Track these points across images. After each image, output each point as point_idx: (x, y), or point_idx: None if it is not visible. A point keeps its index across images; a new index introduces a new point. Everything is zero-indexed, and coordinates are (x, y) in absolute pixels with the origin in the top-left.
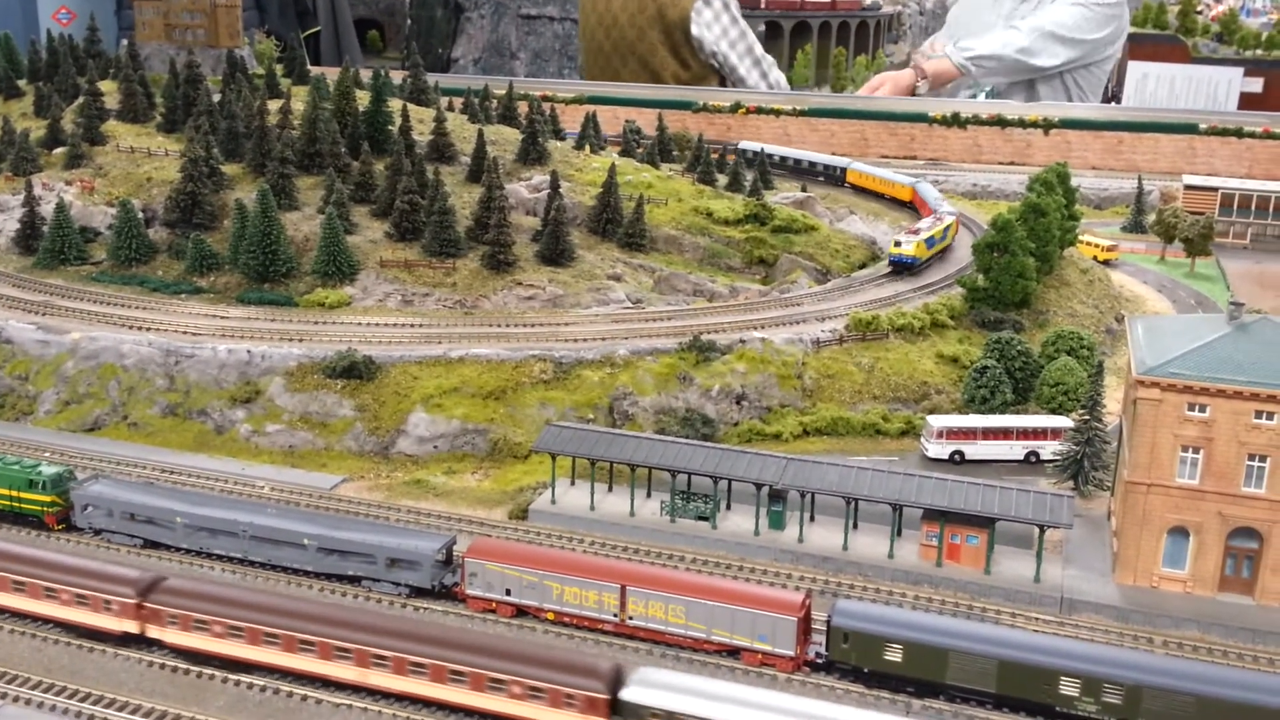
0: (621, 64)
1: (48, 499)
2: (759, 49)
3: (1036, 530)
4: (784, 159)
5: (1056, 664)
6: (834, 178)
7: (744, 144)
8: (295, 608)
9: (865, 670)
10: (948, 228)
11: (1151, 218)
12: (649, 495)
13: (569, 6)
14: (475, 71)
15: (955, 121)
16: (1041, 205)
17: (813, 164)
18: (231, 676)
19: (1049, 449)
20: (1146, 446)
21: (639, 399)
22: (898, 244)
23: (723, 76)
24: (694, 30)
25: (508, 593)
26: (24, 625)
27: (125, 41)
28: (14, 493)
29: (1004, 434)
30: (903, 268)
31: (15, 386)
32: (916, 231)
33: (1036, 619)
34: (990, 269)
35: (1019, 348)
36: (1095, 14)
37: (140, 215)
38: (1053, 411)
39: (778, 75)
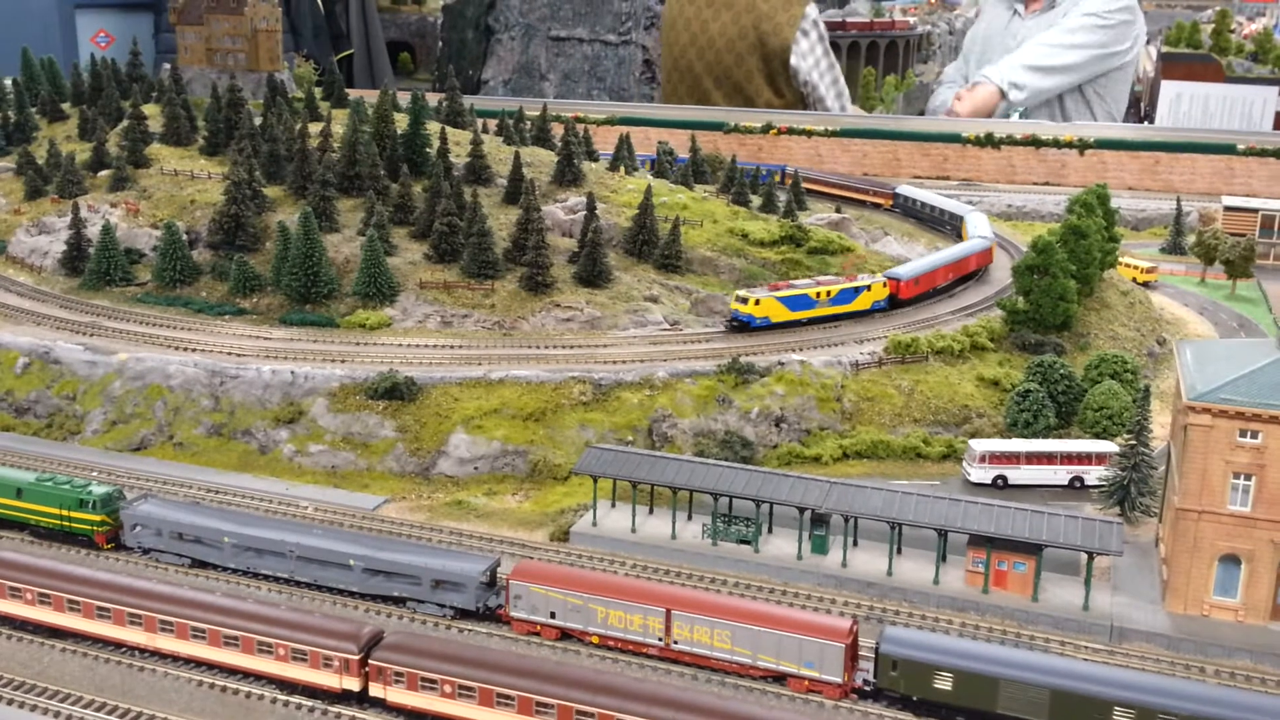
0: (714, 87)
1: (98, 518)
2: (841, 80)
3: (1084, 557)
4: (924, 205)
5: (1110, 694)
6: (956, 227)
7: (902, 188)
8: (531, 666)
9: (914, 698)
10: (857, 290)
11: (1191, 239)
12: (690, 518)
13: (598, 28)
14: (505, 93)
15: (989, 142)
16: (1082, 227)
17: (941, 210)
18: (281, 697)
19: (1094, 474)
20: (1197, 473)
21: (678, 421)
22: (738, 298)
23: (806, 104)
24: (793, 60)
25: (552, 615)
26: (76, 644)
27: (168, 65)
28: (65, 511)
29: (1048, 459)
30: (741, 326)
31: (63, 406)
32: (779, 288)
33: (1086, 647)
34: (1030, 291)
35: (1062, 371)
36: (1107, 21)
37: (184, 237)
38: (1096, 436)
39: (851, 107)
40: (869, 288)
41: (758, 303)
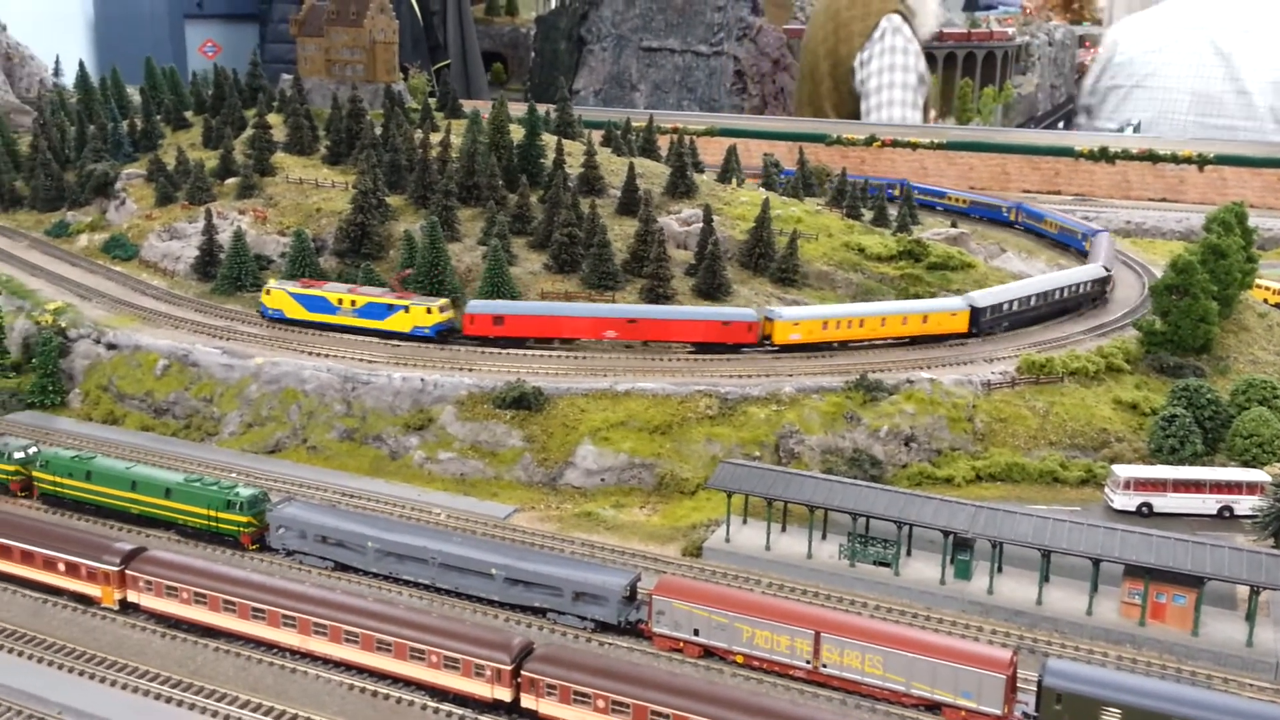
0: (810, 86)
1: (244, 519)
2: (890, 91)
3: (1246, 591)
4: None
5: None
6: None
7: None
8: (683, 685)
9: None
10: (391, 308)
11: None
12: (824, 537)
13: (690, 39)
14: (595, 103)
15: (1103, 156)
16: (1222, 246)
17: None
18: (431, 704)
19: (1245, 504)
20: None
21: (805, 437)
22: (268, 292)
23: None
24: (855, 63)
25: (696, 633)
26: (229, 644)
27: (287, 76)
28: (212, 512)
29: (1196, 487)
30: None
31: (200, 408)
32: (310, 285)
33: (1251, 685)
34: (1169, 312)
35: (1208, 396)
36: None
37: (311, 245)
38: (1245, 464)
39: (891, 115)
40: (407, 309)
41: (269, 293)
